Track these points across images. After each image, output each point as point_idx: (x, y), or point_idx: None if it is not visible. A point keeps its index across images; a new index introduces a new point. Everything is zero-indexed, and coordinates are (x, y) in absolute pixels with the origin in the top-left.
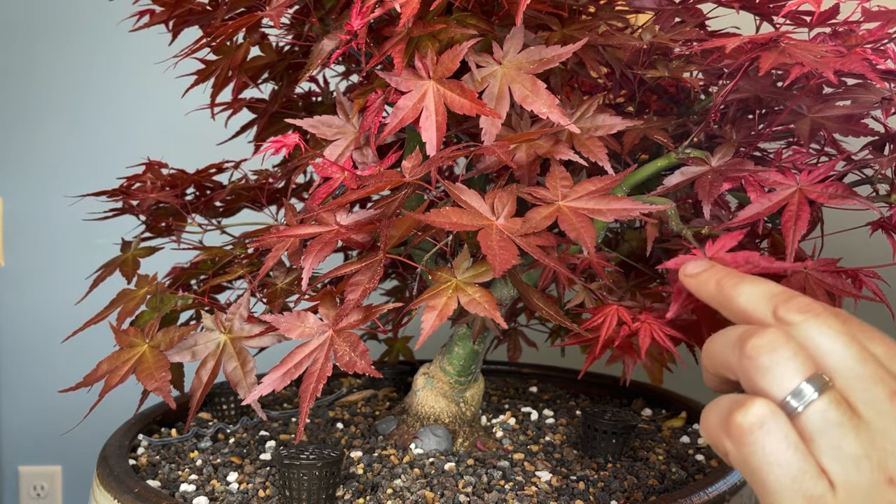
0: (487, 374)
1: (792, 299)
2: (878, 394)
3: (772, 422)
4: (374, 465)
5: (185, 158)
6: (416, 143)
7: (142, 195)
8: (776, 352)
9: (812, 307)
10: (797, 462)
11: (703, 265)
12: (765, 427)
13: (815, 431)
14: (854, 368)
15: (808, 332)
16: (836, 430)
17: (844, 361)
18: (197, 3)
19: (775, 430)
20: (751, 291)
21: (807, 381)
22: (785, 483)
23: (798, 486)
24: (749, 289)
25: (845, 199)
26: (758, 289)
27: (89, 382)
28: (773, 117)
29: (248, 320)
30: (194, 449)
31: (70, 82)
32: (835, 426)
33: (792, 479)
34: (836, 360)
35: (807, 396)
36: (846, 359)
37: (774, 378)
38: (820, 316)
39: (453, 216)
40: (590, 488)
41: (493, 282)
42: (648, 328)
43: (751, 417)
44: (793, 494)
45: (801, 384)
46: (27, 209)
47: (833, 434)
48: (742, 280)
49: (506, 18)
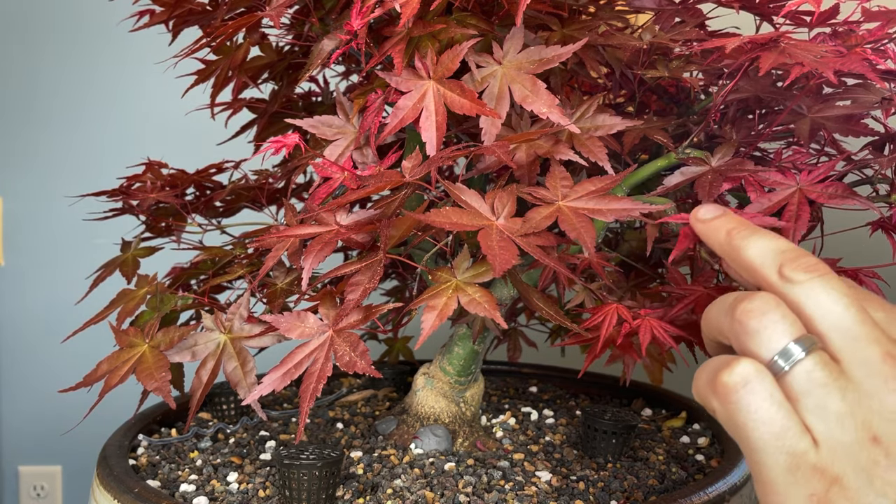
0: (487, 374)
1: (799, 258)
2: (871, 354)
3: (756, 381)
4: (374, 465)
5: (185, 158)
6: (416, 143)
7: (142, 195)
8: (765, 315)
9: (818, 267)
10: (780, 419)
11: (717, 211)
12: (749, 386)
13: (801, 391)
14: (851, 329)
15: (810, 292)
16: (822, 390)
17: (843, 322)
18: (197, 3)
19: (760, 389)
20: (761, 245)
21: (794, 341)
22: (768, 440)
23: (781, 443)
24: (760, 242)
25: (845, 199)
26: (768, 243)
27: (89, 382)
28: (773, 117)
29: (248, 320)
30: (194, 449)
31: (70, 83)
32: (820, 386)
33: (775, 436)
34: (834, 321)
35: (794, 356)
36: (844, 319)
37: (762, 340)
38: (824, 276)
39: (453, 216)
40: (590, 488)
41: (493, 282)
42: (649, 325)
43: (735, 376)
44: (776, 451)
45: (788, 344)
46: (27, 209)
47: (818, 393)
48: (754, 232)
49: (506, 18)
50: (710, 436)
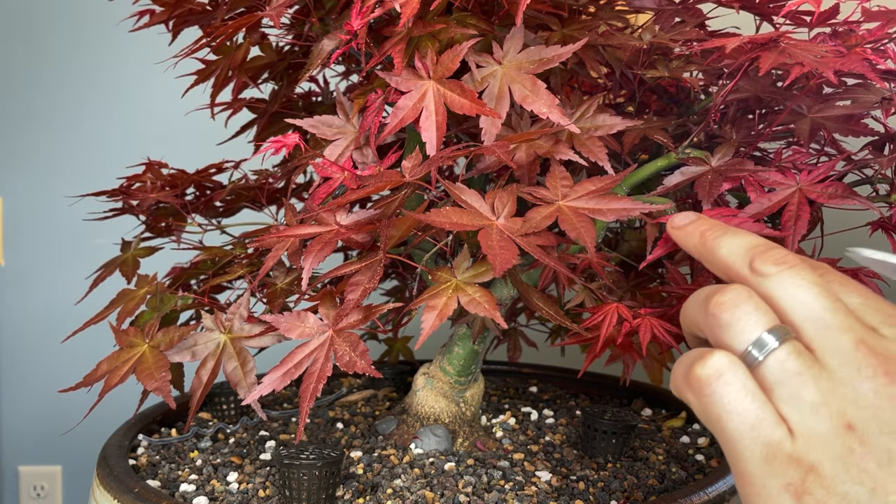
0: (487, 374)
1: (768, 251)
2: (844, 342)
3: (729, 372)
4: (374, 465)
5: (185, 158)
6: (416, 143)
7: (142, 195)
8: (738, 307)
9: (788, 259)
10: (755, 410)
11: (691, 217)
12: (723, 378)
13: (774, 381)
14: (823, 318)
15: (781, 283)
16: (796, 380)
17: (814, 312)
18: (197, 3)
19: (733, 381)
20: (731, 243)
21: (768, 331)
22: (743, 431)
23: (756, 434)
24: (731, 240)
25: (845, 199)
26: (738, 241)
27: (89, 382)
28: (773, 117)
29: (248, 320)
30: (194, 449)
31: (70, 83)
32: (794, 375)
33: (750, 426)
34: (806, 311)
35: (768, 346)
36: (816, 308)
37: (735, 331)
38: (795, 267)
39: (453, 216)
40: (590, 488)
41: (493, 282)
42: (649, 325)
43: (709, 369)
44: (751, 442)
45: (761, 335)
46: (27, 209)
47: (792, 383)
48: (725, 232)
49: (506, 18)
50: (710, 436)
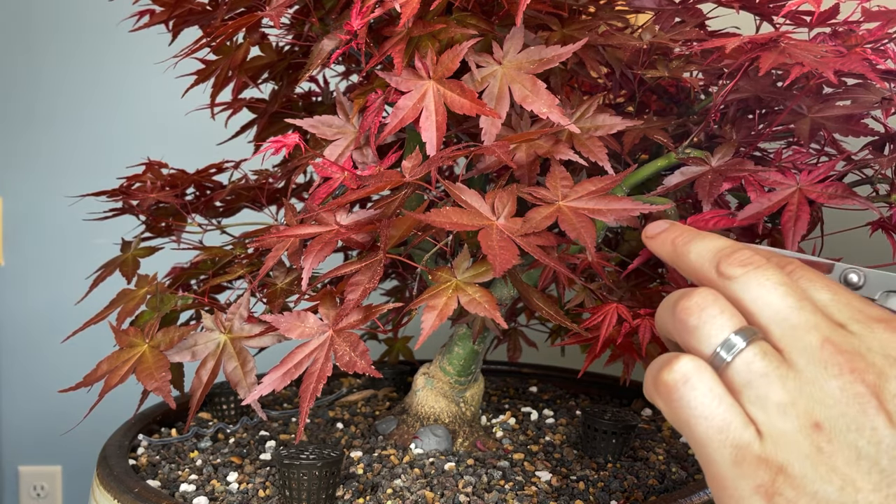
0: (487, 374)
1: (734, 253)
2: (810, 341)
3: (695, 377)
4: (374, 465)
5: (185, 158)
6: (416, 143)
7: (142, 195)
8: (704, 310)
9: (753, 259)
10: (722, 413)
11: (663, 226)
12: (689, 382)
13: (742, 382)
14: (789, 318)
15: (747, 285)
16: (762, 380)
17: (780, 311)
18: (197, 3)
19: (699, 385)
20: (699, 248)
21: (735, 333)
22: (711, 434)
23: (724, 437)
24: (699, 244)
25: (845, 199)
26: (706, 245)
27: (89, 382)
28: (773, 117)
29: (248, 320)
30: (194, 449)
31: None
32: (760, 376)
33: (717, 430)
34: (772, 311)
35: (735, 348)
36: (782, 309)
37: (702, 335)
38: (760, 268)
39: (453, 216)
40: (590, 488)
41: (493, 282)
42: (649, 324)
43: (675, 374)
44: (720, 445)
45: (728, 336)
46: (27, 209)
47: (758, 384)
48: (694, 237)
49: (506, 18)
50: None
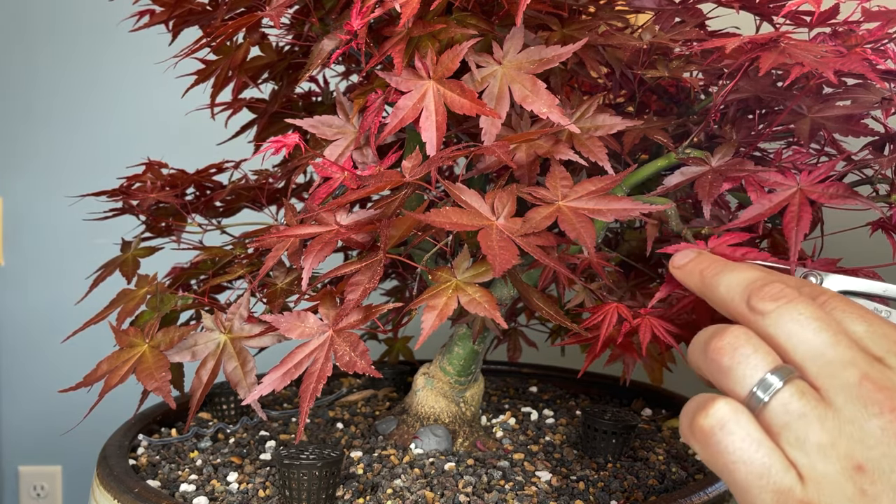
0: (487, 374)
1: (765, 287)
2: (847, 378)
3: (732, 421)
4: (374, 465)
5: (185, 158)
6: (416, 143)
7: (142, 195)
8: (736, 351)
9: (785, 293)
10: (761, 458)
11: (690, 255)
12: (726, 427)
13: (780, 424)
14: (824, 354)
15: (778, 321)
16: (800, 422)
17: (815, 348)
18: (197, 3)
19: (736, 430)
20: (729, 281)
21: (770, 372)
22: (752, 480)
23: (765, 482)
24: (728, 278)
25: (846, 200)
26: (736, 277)
27: (89, 382)
28: (773, 117)
29: (248, 320)
30: (194, 449)
31: (70, 83)
32: (798, 417)
33: (758, 475)
34: (807, 348)
35: (772, 388)
36: (817, 345)
37: (736, 376)
38: (792, 302)
39: (453, 216)
40: (590, 488)
41: (493, 282)
42: (649, 324)
43: (711, 419)
44: (760, 490)
45: (764, 376)
46: (27, 209)
47: (797, 425)
48: (723, 269)
49: (506, 18)
50: None
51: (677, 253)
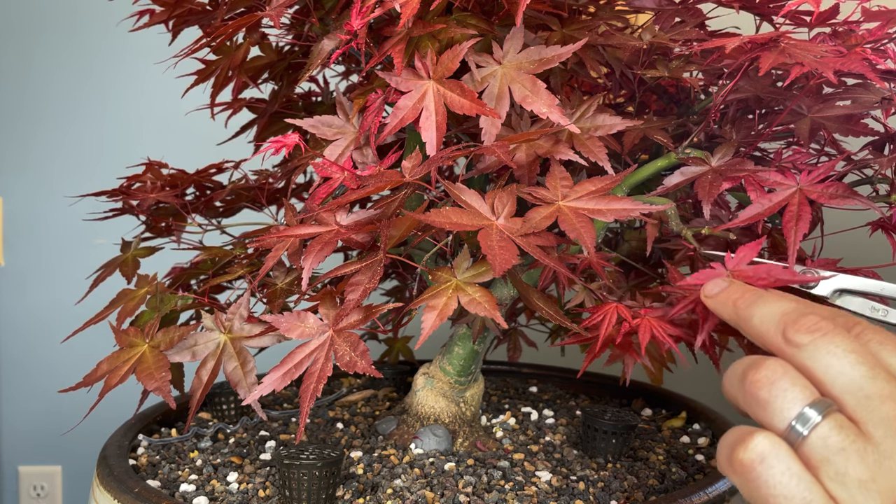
0: (487, 374)
1: (800, 319)
2: (886, 412)
3: (772, 455)
4: (374, 465)
5: (185, 158)
6: (416, 143)
7: (142, 195)
8: (774, 384)
9: (820, 326)
10: (801, 493)
11: (722, 285)
12: (766, 462)
13: (819, 458)
14: (863, 388)
15: (815, 354)
16: (840, 456)
17: (853, 381)
18: (197, 3)
19: (776, 464)
20: (763, 313)
21: (809, 406)
22: None
23: None
24: (762, 310)
25: (846, 199)
26: (770, 309)
27: (89, 382)
28: (773, 117)
29: (248, 320)
30: (194, 449)
31: (70, 82)
32: (837, 452)
33: None
34: (844, 381)
35: (810, 422)
36: (854, 378)
37: (774, 410)
38: (828, 335)
39: (453, 216)
40: (590, 488)
41: (493, 282)
42: (648, 324)
43: (750, 453)
44: None
45: (802, 410)
46: (27, 209)
47: (836, 460)
48: (757, 299)
49: (506, 18)
50: (710, 436)
51: (709, 282)
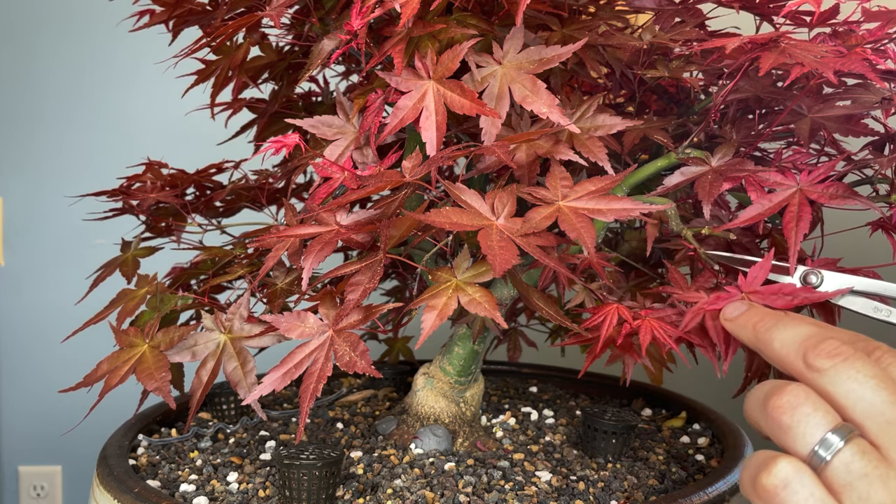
0: (487, 374)
1: (821, 344)
2: None
3: (796, 481)
4: (374, 465)
5: (185, 158)
6: (416, 143)
7: (142, 195)
8: (796, 409)
9: (841, 351)
10: None
11: (741, 308)
12: (789, 487)
13: (842, 483)
14: (884, 413)
15: (836, 379)
16: (862, 482)
17: (875, 406)
18: (197, 3)
19: (800, 489)
20: (783, 337)
21: (831, 431)
22: None
23: None
24: (782, 334)
25: (846, 200)
26: (790, 333)
27: (89, 382)
28: (773, 117)
29: (248, 320)
30: (194, 449)
31: (70, 82)
32: (860, 477)
33: None
34: (866, 406)
35: (833, 447)
36: (876, 403)
37: (797, 436)
38: (848, 360)
39: (453, 216)
40: (590, 488)
41: (493, 282)
42: (649, 325)
43: (774, 479)
44: None
45: (825, 435)
46: (27, 209)
47: (859, 485)
48: (777, 323)
49: (506, 18)
50: (710, 436)
51: (728, 305)
